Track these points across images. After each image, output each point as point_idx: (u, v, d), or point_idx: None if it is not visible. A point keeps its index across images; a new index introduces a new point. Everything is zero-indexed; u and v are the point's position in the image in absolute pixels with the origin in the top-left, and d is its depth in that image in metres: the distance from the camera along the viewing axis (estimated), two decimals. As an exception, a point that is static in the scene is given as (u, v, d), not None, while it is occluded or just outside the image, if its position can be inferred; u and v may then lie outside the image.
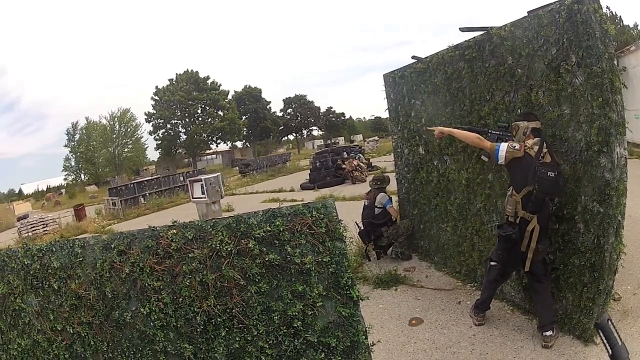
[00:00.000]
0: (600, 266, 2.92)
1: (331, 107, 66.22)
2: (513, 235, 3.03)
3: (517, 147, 3.00)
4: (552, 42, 3.00)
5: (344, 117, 67.58)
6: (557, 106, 3.05)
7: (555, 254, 3.22)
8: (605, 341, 1.04)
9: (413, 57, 4.80)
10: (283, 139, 66.92)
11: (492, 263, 3.30)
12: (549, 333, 3.09)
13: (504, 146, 3.05)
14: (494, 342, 3.23)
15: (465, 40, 3.86)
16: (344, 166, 15.10)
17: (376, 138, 36.74)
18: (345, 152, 17.45)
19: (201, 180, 8.32)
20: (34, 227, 15.03)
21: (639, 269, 4.11)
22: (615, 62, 2.87)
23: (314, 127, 65.82)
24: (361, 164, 15.27)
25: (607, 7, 21.06)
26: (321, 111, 64.21)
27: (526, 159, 2.99)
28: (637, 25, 21.21)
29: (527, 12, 3.16)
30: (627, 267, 4.08)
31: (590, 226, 2.97)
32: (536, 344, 3.10)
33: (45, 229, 15.07)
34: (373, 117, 65.19)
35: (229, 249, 2.04)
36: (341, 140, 50.20)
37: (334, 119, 65.43)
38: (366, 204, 5.57)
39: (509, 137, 3.20)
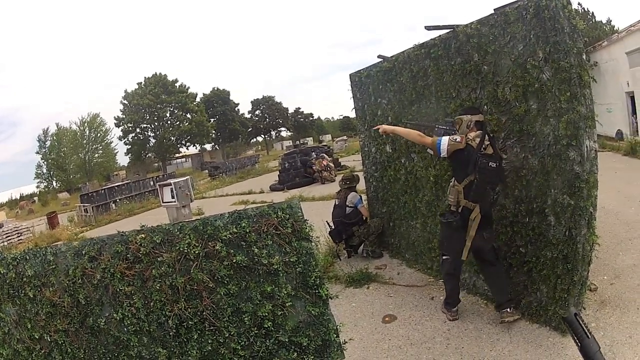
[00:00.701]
0: (573, 258, 2.97)
1: (299, 108, 66.02)
2: (454, 223, 3.17)
3: (459, 139, 3.12)
4: (518, 39, 3.05)
5: (312, 117, 67.32)
6: (524, 101, 3.09)
7: (526, 247, 3.27)
8: (573, 336, 1.05)
9: (379, 57, 4.83)
10: (252, 140, 66.40)
11: (444, 257, 3.41)
12: (506, 310, 3.23)
13: (445, 140, 3.16)
14: (469, 336, 3.25)
15: (431, 39, 3.89)
16: (314, 166, 15.07)
17: (345, 138, 36.56)
18: (313, 153, 17.37)
19: (171, 185, 8.30)
20: (8, 236, 14.88)
21: (615, 259, 4.18)
22: (584, 57, 2.92)
23: (283, 128, 65.44)
24: (330, 164, 15.24)
25: (579, 4, 21.37)
26: (289, 112, 63.86)
27: (468, 150, 3.09)
28: (610, 21, 21.57)
29: (494, 9, 3.20)
30: (602, 258, 4.17)
31: (561, 218, 3.01)
32: (512, 336, 3.14)
33: (19, 237, 14.93)
34: (342, 117, 65.03)
35: (196, 252, 2.05)
36: (310, 141, 49.88)
37: (302, 119, 65.07)
38: (337, 203, 5.56)
39: (455, 131, 3.31)
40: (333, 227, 5.45)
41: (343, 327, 2.14)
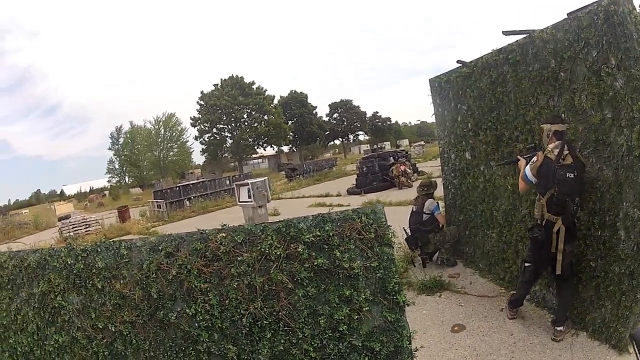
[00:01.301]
0: (639, 274, 2.86)
1: (377, 112, 66.33)
2: (539, 237, 3.22)
3: (535, 159, 3.27)
4: (592, 45, 2.97)
5: (390, 121, 67.49)
6: (599, 110, 3.00)
7: (596, 261, 3.17)
8: (638, 353, 1.01)
9: (458, 62, 4.77)
10: (329, 143, 67.15)
11: (526, 264, 3.48)
12: (560, 328, 3.26)
13: (527, 168, 3.32)
14: (533, 350, 3.20)
15: (509, 44, 3.83)
16: (392, 171, 14.99)
17: (422, 143, 36.49)
18: (391, 157, 17.30)
19: (248, 184, 8.36)
20: (75, 227, 15.34)
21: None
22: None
23: (360, 132, 65.90)
24: (407, 170, 15.13)
25: None
26: (367, 116, 64.26)
27: (546, 163, 3.16)
28: None
29: (567, 14, 3.12)
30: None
31: (630, 233, 2.91)
32: (574, 352, 3.06)
33: (87, 229, 15.38)
34: (419, 122, 64.78)
35: (278, 253, 2.07)
36: (387, 145, 49.43)
37: (379, 123, 65.31)
38: (414, 209, 5.51)
39: (535, 155, 3.36)
40: (410, 233, 5.40)
41: (413, 334, 2.12)
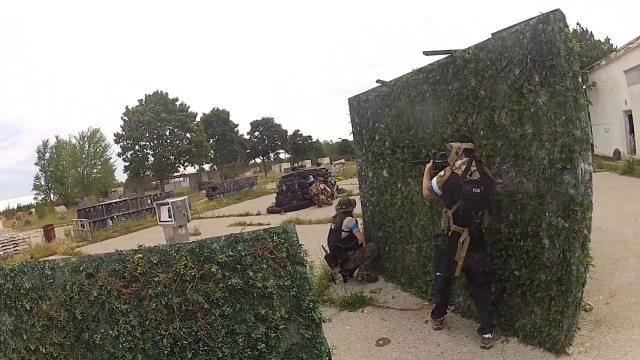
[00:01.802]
0: (567, 280, 2.99)
1: (298, 130, 66.00)
2: (441, 246, 3.45)
3: (442, 173, 3.42)
4: (515, 63, 3.08)
5: (311, 140, 67.47)
6: (519, 126, 3.12)
7: (520, 270, 3.28)
8: None
9: (378, 81, 4.86)
10: (250, 162, 66.58)
11: (437, 273, 3.66)
12: (487, 335, 3.36)
13: (434, 181, 3.48)
14: (462, 358, 3.26)
15: (429, 64, 3.93)
16: (312, 189, 15.11)
17: (343, 161, 36.86)
18: (311, 176, 17.49)
19: (168, 204, 8.29)
20: (4, 246, 14.83)
21: (610, 279, 4.20)
22: (580, 80, 2.94)
23: (281, 150, 65.53)
24: (327, 188, 15.30)
25: (578, 23, 21.43)
26: (288, 134, 64.11)
27: (453, 179, 3.32)
28: (608, 40, 21.56)
29: (491, 34, 3.24)
30: (598, 278, 4.18)
31: (555, 241, 3.04)
32: (506, 357, 3.14)
33: (15, 248, 14.88)
34: (340, 140, 65.25)
35: (192, 273, 2.08)
36: (308, 164, 49.82)
37: (300, 142, 65.12)
38: (332, 227, 5.53)
39: (447, 163, 3.52)
40: (329, 251, 5.44)
41: (336, 350, 2.16)
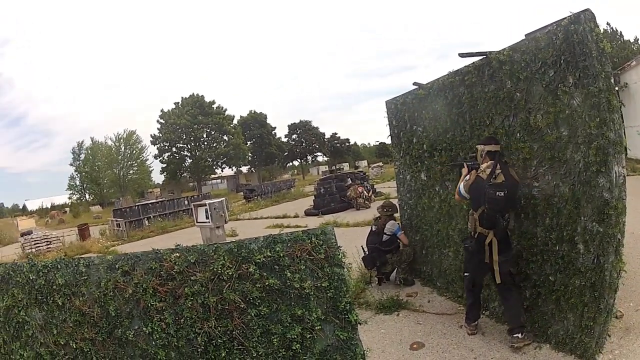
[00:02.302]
0: (600, 285, 2.93)
1: (336, 133, 66.47)
2: (470, 248, 3.47)
3: (468, 177, 3.49)
4: (549, 64, 3.02)
5: (349, 143, 67.68)
6: (555, 128, 3.06)
7: (555, 275, 3.22)
8: None
9: (414, 84, 4.80)
10: (288, 164, 67.02)
11: (465, 274, 3.72)
12: (517, 335, 3.36)
13: (461, 185, 3.55)
14: (495, 364, 3.23)
15: (465, 66, 3.88)
16: (350, 192, 14.99)
17: (380, 164, 36.49)
18: (349, 179, 17.29)
19: (205, 205, 8.31)
20: (37, 243, 15.14)
21: (642, 285, 4.10)
22: (612, 81, 2.88)
23: (319, 153, 65.75)
24: (365, 191, 15.13)
25: (608, 24, 20.94)
26: (326, 137, 64.28)
27: (477, 182, 3.37)
28: (638, 40, 21.00)
29: (525, 35, 3.19)
30: (629, 285, 4.08)
31: (590, 246, 2.97)
32: (537, 364, 3.11)
33: (48, 246, 15.16)
34: (377, 143, 65.08)
35: (230, 273, 2.09)
36: (346, 166, 49.49)
37: (338, 145, 65.46)
38: (373, 229, 5.49)
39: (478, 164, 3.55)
40: (367, 252, 5.38)
41: (371, 353, 2.15)
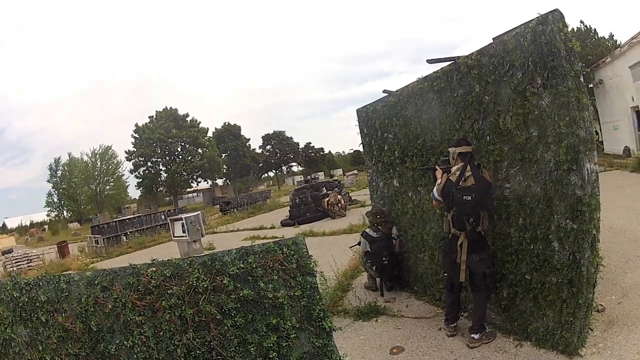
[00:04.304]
0: (578, 281, 2.97)
1: (310, 143, 66.39)
2: (443, 248, 3.64)
3: (439, 181, 3.51)
4: (517, 67, 3.07)
5: (323, 152, 67.66)
6: (524, 129, 3.11)
7: (531, 274, 3.27)
8: None
9: (384, 91, 4.86)
10: (263, 175, 67.12)
11: (444, 274, 3.79)
12: (475, 336, 3.49)
13: (434, 189, 3.57)
14: (476, 365, 3.27)
15: (434, 72, 3.93)
16: (325, 201, 15.05)
17: (355, 172, 36.53)
18: (324, 188, 17.46)
19: (182, 219, 8.36)
20: (18, 261, 15.08)
21: (623, 278, 4.16)
22: (582, 79, 2.92)
23: (294, 163, 65.86)
24: (341, 199, 15.23)
25: (581, 22, 21.16)
26: (300, 147, 64.37)
27: (448, 186, 3.42)
28: (612, 36, 21.24)
29: (492, 38, 3.23)
30: (610, 278, 4.15)
31: (564, 243, 3.01)
32: (519, 364, 3.15)
33: (29, 264, 15.10)
34: (352, 151, 65.31)
35: (205, 286, 2.12)
36: (321, 176, 49.69)
37: (313, 154, 65.31)
38: (376, 236, 5.18)
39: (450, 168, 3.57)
40: (386, 261, 5.09)
41: (351, 359, 2.18)
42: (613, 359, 2.94)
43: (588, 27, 20.92)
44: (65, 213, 52.27)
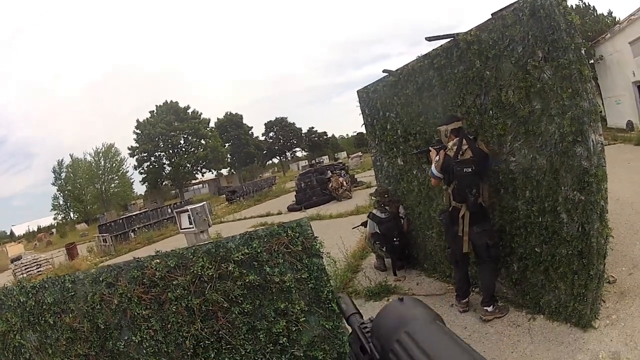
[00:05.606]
0: (588, 253, 2.94)
1: (313, 127, 66.04)
2: (444, 221, 3.67)
3: (437, 158, 3.53)
4: (517, 41, 3.03)
5: (326, 135, 67.25)
6: (527, 103, 3.07)
7: (541, 246, 3.23)
8: None
9: (384, 71, 4.82)
10: (267, 162, 66.78)
11: (448, 249, 3.80)
12: (488, 308, 3.49)
13: (433, 167, 3.58)
14: (489, 339, 3.24)
15: (434, 49, 3.90)
16: (331, 184, 15.08)
17: (360, 154, 36.40)
18: (329, 171, 17.33)
19: (188, 211, 8.32)
20: (27, 268, 15.06)
21: (632, 249, 4.12)
22: (583, 52, 2.90)
23: (298, 149, 65.45)
24: (345, 182, 15.21)
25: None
26: (303, 132, 63.97)
27: (446, 161, 3.44)
28: (611, 13, 21.14)
29: (491, 14, 3.19)
30: (620, 250, 4.11)
31: (573, 215, 2.98)
32: (533, 336, 3.11)
33: (39, 269, 15.09)
34: (355, 134, 64.85)
35: (210, 274, 2.09)
36: (325, 159, 49.51)
37: (316, 138, 64.87)
38: (384, 217, 5.09)
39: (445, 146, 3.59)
40: (397, 242, 5.03)
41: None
42: (627, 330, 2.90)
43: (587, 4, 20.86)
44: (72, 215, 52.05)
